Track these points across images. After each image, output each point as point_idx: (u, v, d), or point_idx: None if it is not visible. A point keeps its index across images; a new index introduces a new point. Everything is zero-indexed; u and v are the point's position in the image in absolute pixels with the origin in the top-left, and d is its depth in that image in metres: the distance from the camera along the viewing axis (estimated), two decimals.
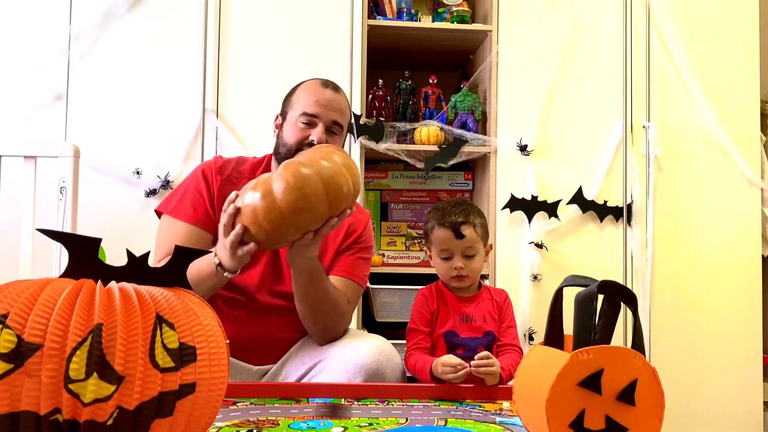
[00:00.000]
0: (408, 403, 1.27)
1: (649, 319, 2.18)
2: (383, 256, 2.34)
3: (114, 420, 0.69)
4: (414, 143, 2.23)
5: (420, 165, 2.24)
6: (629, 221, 2.22)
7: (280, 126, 1.58)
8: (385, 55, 2.43)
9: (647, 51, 2.26)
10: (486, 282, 2.07)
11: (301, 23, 2.15)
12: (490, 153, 2.23)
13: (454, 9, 2.32)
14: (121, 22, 2.10)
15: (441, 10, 2.35)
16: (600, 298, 0.93)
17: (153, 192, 2.06)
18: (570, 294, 0.93)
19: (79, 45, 2.08)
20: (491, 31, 2.25)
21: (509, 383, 1.40)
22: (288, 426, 1.06)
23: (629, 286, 2.17)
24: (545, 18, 2.24)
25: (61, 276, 0.78)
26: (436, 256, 1.58)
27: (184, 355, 0.74)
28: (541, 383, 0.88)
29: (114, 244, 1.24)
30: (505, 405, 1.28)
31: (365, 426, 1.07)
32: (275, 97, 1.68)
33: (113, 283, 0.77)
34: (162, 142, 2.09)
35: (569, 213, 2.21)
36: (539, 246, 2.19)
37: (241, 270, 1.36)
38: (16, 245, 1.57)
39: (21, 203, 1.59)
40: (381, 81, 2.31)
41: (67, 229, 1.58)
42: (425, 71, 2.42)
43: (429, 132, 2.21)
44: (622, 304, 0.94)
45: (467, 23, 2.32)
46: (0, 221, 1.89)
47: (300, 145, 1.48)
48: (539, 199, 2.18)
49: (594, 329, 0.92)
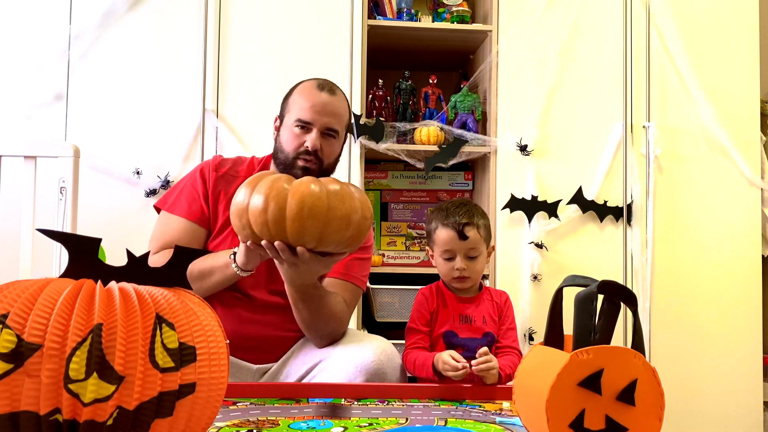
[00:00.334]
0: (408, 403, 1.26)
1: (649, 319, 2.18)
2: (383, 256, 2.33)
3: (114, 420, 0.69)
4: (414, 143, 2.23)
5: (420, 165, 2.24)
6: (629, 221, 2.22)
7: (278, 128, 1.59)
8: (385, 55, 2.42)
9: (647, 51, 2.26)
10: (486, 282, 2.07)
11: (301, 23, 2.15)
12: (490, 153, 2.23)
13: (454, 9, 2.32)
14: (121, 22, 2.10)
15: (441, 10, 2.35)
16: (600, 298, 0.93)
17: (153, 192, 2.06)
18: (570, 294, 0.93)
19: (79, 45, 2.08)
20: (491, 31, 2.25)
21: (508, 384, 1.40)
22: (288, 426, 1.06)
23: (629, 286, 2.17)
24: (545, 18, 2.24)
25: (61, 276, 0.78)
26: (438, 256, 1.58)
27: (184, 355, 0.74)
28: (541, 383, 0.88)
29: (114, 244, 1.23)
30: (505, 405, 1.28)
31: (365, 426, 1.07)
32: (275, 97, 1.67)
33: (113, 283, 0.77)
34: (162, 142, 2.09)
35: (569, 213, 2.20)
36: (539, 246, 2.18)
37: None
38: (16, 245, 1.57)
39: (21, 203, 1.58)
40: (381, 81, 2.30)
41: (67, 229, 1.58)
42: (425, 71, 2.42)
43: (429, 132, 2.20)
44: (622, 304, 0.94)
45: (467, 23, 2.32)
46: (0, 221, 1.89)
47: (296, 154, 1.50)
48: (539, 199, 2.18)
49: (594, 329, 0.92)
